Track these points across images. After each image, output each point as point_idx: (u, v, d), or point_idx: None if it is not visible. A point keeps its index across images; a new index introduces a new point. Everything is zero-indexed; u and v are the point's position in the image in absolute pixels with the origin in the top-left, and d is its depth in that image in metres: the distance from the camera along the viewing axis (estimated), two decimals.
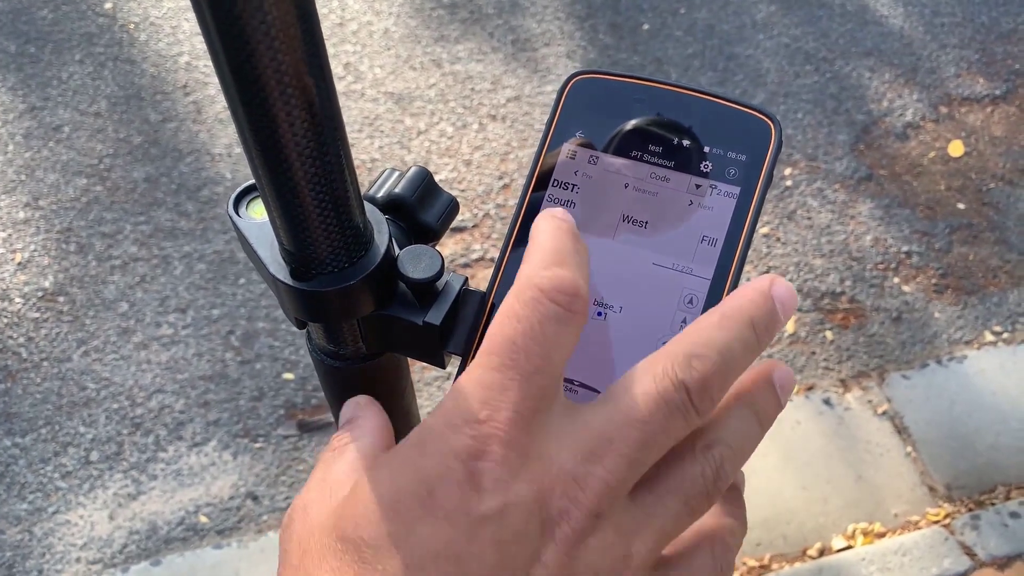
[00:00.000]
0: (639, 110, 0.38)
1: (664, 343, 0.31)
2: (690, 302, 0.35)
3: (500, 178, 2.22)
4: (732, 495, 0.33)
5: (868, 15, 2.64)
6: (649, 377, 0.29)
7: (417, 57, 2.52)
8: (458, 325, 0.37)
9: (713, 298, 0.35)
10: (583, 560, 0.28)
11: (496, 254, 2.06)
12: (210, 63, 2.51)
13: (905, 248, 2.11)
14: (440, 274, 0.37)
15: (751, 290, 0.31)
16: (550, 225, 0.32)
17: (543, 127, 0.38)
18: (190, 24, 2.60)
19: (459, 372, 0.36)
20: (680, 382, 0.29)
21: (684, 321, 0.35)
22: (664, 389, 0.29)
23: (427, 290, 0.37)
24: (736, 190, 0.36)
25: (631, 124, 0.38)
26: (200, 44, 2.54)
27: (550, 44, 2.55)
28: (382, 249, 0.37)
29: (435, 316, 0.37)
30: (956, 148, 2.31)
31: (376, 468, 0.30)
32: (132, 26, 2.59)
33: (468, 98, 2.41)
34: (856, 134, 2.34)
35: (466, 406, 0.28)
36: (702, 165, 0.37)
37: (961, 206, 2.20)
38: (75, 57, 2.50)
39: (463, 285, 0.38)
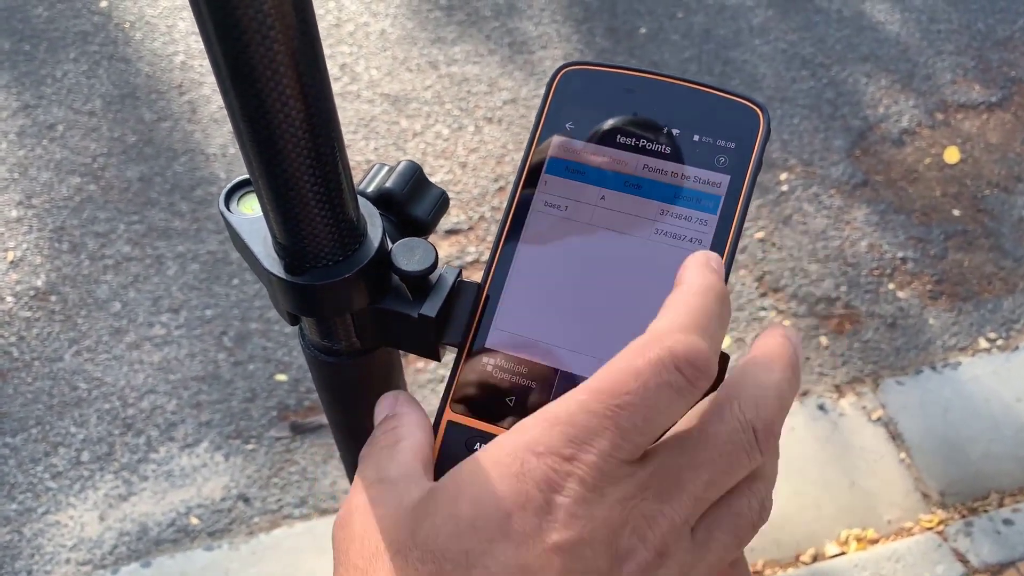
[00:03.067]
0: (628, 100, 0.38)
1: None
2: None
3: (496, 180, 2.22)
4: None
5: (865, 21, 2.65)
6: (717, 419, 0.30)
7: (413, 59, 2.52)
8: (453, 317, 0.37)
9: None
10: None
11: None
12: (206, 62, 2.48)
13: (900, 254, 2.11)
14: (434, 266, 0.36)
15: (779, 335, 0.33)
16: (704, 278, 0.31)
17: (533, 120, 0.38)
18: (185, 23, 2.59)
19: (455, 365, 0.36)
20: (748, 423, 0.30)
21: None
22: (733, 430, 0.30)
23: (421, 283, 0.37)
24: (726, 178, 0.36)
25: (621, 115, 0.38)
26: (196, 43, 2.53)
27: (547, 47, 2.55)
28: (376, 242, 0.36)
29: (430, 308, 0.36)
30: (952, 155, 2.32)
31: (453, 478, 0.30)
32: (127, 25, 2.58)
33: (464, 100, 2.41)
34: (852, 140, 2.34)
35: (554, 436, 0.29)
36: (692, 153, 0.37)
37: (956, 212, 2.20)
38: (70, 55, 2.49)
39: (457, 277, 0.37)
